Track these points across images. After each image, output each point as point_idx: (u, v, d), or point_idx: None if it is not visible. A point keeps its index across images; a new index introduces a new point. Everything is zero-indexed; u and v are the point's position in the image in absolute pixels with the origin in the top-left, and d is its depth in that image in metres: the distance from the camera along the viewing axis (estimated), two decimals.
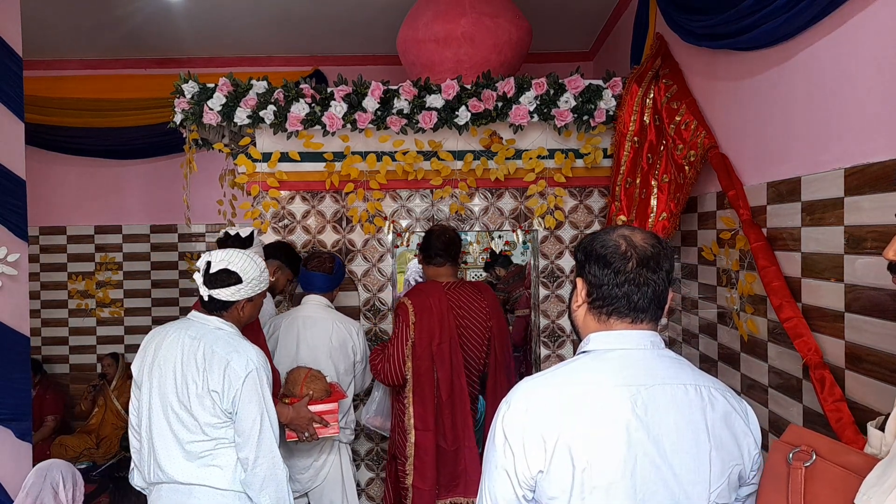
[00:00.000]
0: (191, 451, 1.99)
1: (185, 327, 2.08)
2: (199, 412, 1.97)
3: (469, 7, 3.32)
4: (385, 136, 3.17)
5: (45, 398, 4.86)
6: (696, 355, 2.85)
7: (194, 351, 2.00)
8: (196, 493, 1.99)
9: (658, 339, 1.25)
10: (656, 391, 1.17)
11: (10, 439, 2.79)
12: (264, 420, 1.99)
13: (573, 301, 1.32)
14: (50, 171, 5.15)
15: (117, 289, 5.28)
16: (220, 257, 2.07)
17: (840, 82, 1.77)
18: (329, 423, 2.47)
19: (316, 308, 2.92)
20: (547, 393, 1.19)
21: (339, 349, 2.89)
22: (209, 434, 1.98)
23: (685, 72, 2.83)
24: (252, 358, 2.00)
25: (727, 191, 2.32)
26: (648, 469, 1.13)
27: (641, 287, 1.21)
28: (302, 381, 2.55)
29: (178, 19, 4.28)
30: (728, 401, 1.21)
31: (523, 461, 1.15)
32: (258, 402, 1.98)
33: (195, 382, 1.97)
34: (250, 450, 1.97)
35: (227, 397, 1.96)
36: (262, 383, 2.00)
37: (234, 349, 2.00)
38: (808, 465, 1.13)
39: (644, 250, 1.22)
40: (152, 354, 2.07)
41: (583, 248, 1.29)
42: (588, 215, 3.29)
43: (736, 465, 1.19)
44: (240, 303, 2.08)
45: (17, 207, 2.81)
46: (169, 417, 2.01)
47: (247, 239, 2.65)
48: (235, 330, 2.10)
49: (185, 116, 3.18)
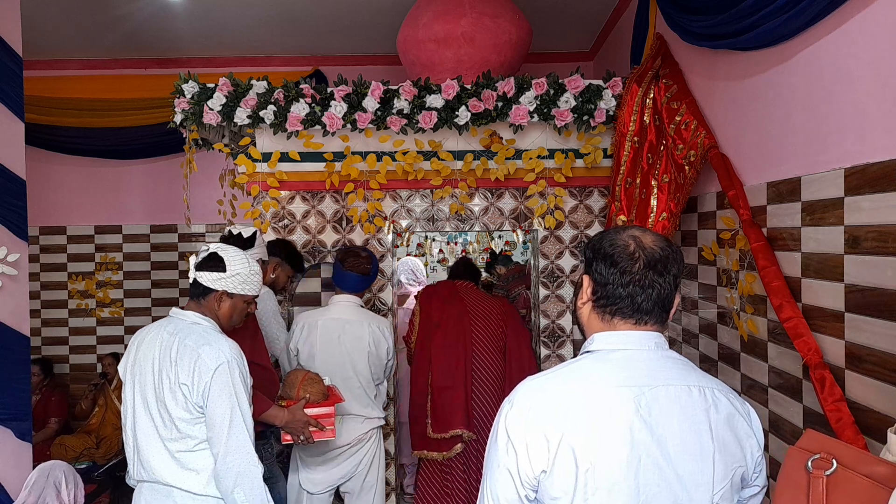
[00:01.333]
0: (171, 448, 1.96)
1: (164, 324, 2.07)
2: (172, 407, 1.94)
3: (469, 7, 3.32)
4: (385, 136, 3.17)
5: (50, 399, 4.86)
6: (696, 355, 2.86)
7: (169, 345, 1.98)
8: (174, 495, 1.96)
9: (662, 340, 1.24)
10: (660, 392, 1.16)
11: (10, 439, 2.79)
12: (235, 414, 1.91)
13: (578, 298, 1.31)
14: (50, 171, 5.15)
15: (117, 289, 5.28)
16: (217, 245, 2.09)
17: (840, 82, 1.77)
18: (325, 426, 2.45)
19: (349, 309, 2.90)
20: (551, 392, 1.19)
21: (375, 353, 2.90)
22: (183, 431, 1.94)
23: (685, 72, 2.83)
24: (224, 350, 1.95)
25: (727, 191, 2.32)
26: (651, 470, 1.13)
27: (647, 289, 1.20)
28: (299, 383, 2.53)
29: (178, 19, 4.28)
30: (731, 402, 1.21)
31: (526, 461, 1.15)
32: (229, 395, 1.91)
33: (168, 377, 1.94)
34: (221, 444, 1.90)
35: (196, 391, 1.91)
36: (233, 376, 1.93)
37: (205, 342, 1.95)
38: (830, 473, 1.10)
39: (653, 252, 1.21)
40: (134, 353, 2.06)
41: (592, 245, 1.28)
42: (588, 215, 3.29)
43: (739, 466, 1.19)
44: (217, 293, 2.05)
45: (17, 207, 2.81)
46: (152, 415, 1.98)
47: (248, 239, 2.63)
48: (213, 325, 2.06)
49: (185, 116, 3.18)
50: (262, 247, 2.70)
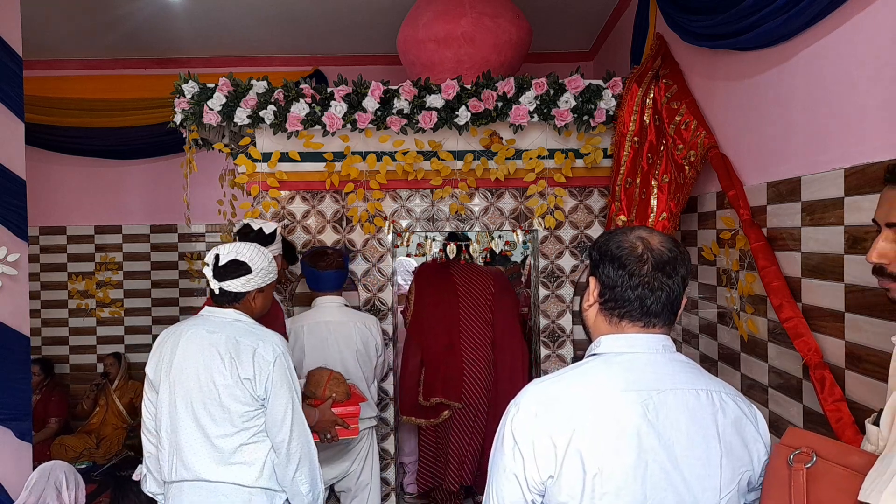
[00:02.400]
0: (220, 446, 1.98)
1: (199, 323, 2.07)
2: (229, 403, 1.97)
3: (469, 7, 3.32)
4: (385, 136, 3.17)
5: (50, 399, 4.86)
6: (696, 355, 2.86)
7: (214, 344, 2.00)
8: (221, 490, 1.98)
9: (670, 342, 1.23)
10: (668, 396, 1.16)
11: (10, 439, 2.79)
12: (295, 402, 2.05)
13: (584, 300, 1.29)
14: (50, 171, 5.14)
15: (117, 289, 5.28)
16: (227, 249, 2.08)
17: (840, 82, 1.77)
18: (350, 425, 2.54)
19: (335, 311, 2.91)
20: (558, 396, 1.17)
21: (364, 353, 2.92)
22: (242, 425, 1.99)
23: (685, 72, 2.83)
24: (277, 344, 2.06)
25: (727, 191, 2.32)
26: (659, 475, 1.12)
27: (656, 291, 1.18)
28: (325, 383, 2.58)
29: (178, 19, 4.28)
30: (739, 406, 1.21)
31: (533, 466, 1.13)
32: (288, 385, 2.03)
33: (221, 374, 1.97)
34: (286, 432, 2.01)
35: (259, 383, 1.99)
36: (290, 367, 2.07)
37: (258, 337, 2.04)
38: (809, 466, 1.12)
39: (661, 254, 1.19)
40: (169, 354, 2.05)
41: (598, 247, 1.26)
42: (588, 215, 3.29)
43: (746, 471, 1.18)
44: (251, 293, 2.10)
45: (17, 207, 2.81)
46: (197, 414, 1.99)
47: (270, 235, 2.64)
48: (252, 320, 2.12)
49: (185, 116, 3.18)
50: (279, 243, 2.75)
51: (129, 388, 4.97)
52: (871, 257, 1.14)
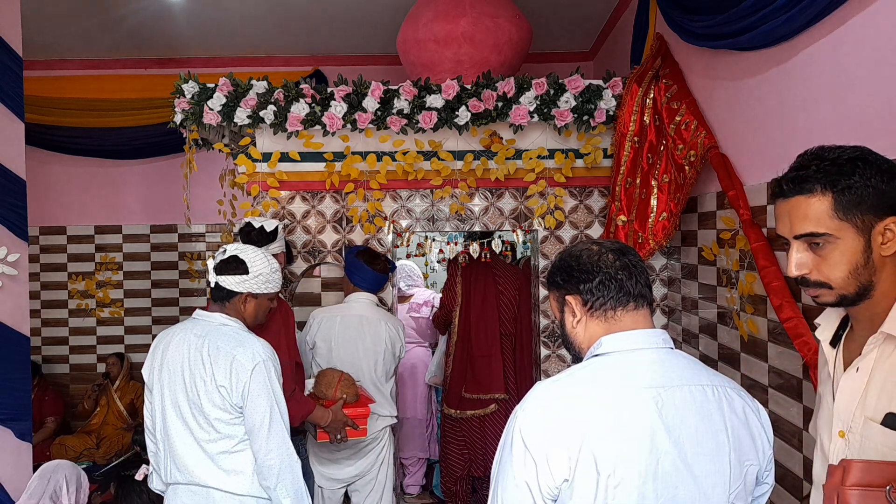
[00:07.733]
0: (209, 450, 1.98)
1: (190, 327, 2.08)
2: (209, 409, 1.97)
3: (469, 7, 3.32)
4: (385, 136, 3.17)
5: (43, 399, 4.84)
6: (696, 355, 2.85)
7: (200, 348, 2.00)
8: (213, 496, 1.98)
9: (668, 336, 1.25)
10: (676, 393, 1.16)
11: (10, 439, 2.79)
12: (274, 412, 1.97)
13: (567, 324, 1.31)
14: (50, 171, 5.14)
15: (117, 289, 5.28)
16: (235, 247, 2.09)
17: (840, 82, 1.77)
18: (360, 426, 2.56)
19: (368, 307, 2.95)
20: (567, 398, 1.16)
21: (391, 351, 2.95)
22: (222, 431, 1.98)
23: (685, 72, 2.83)
24: (258, 350, 1.99)
25: (727, 191, 2.32)
26: (670, 472, 1.12)
27: (629, 270, 1.25)
28: (336, 384, 2.60)
29: (178, 19, 4.28)
30: (743, 399, 1.22)
31: (547, 472, 1.11)
32: (267, 394, 1.96)
33: (203, 380, 1.97)
34: (262, 442, 1.96)
35: (235, 391, 1.95)
36: (269, 375, 1.98)
37: (238, 343, 1.99)
38: None
39: (611, 244, 1.30)
40: (161, 356, 2.06)
41: (559, 270, 1.31)
42: (588, 215, 3.29)
43: (752, 464, 1.19)
44: (242, 296, 2.08)
45: (17, 207, 2.81)
46: (185, 418, 2.00)
47: (271, 233, 2.64)
48: (241, 325, 2.09)
49: (185, 116, 3.18)
50: (283, 240, 2.74)
51: (129, 389, 4.97)
52: (790, 272, 1.15)
